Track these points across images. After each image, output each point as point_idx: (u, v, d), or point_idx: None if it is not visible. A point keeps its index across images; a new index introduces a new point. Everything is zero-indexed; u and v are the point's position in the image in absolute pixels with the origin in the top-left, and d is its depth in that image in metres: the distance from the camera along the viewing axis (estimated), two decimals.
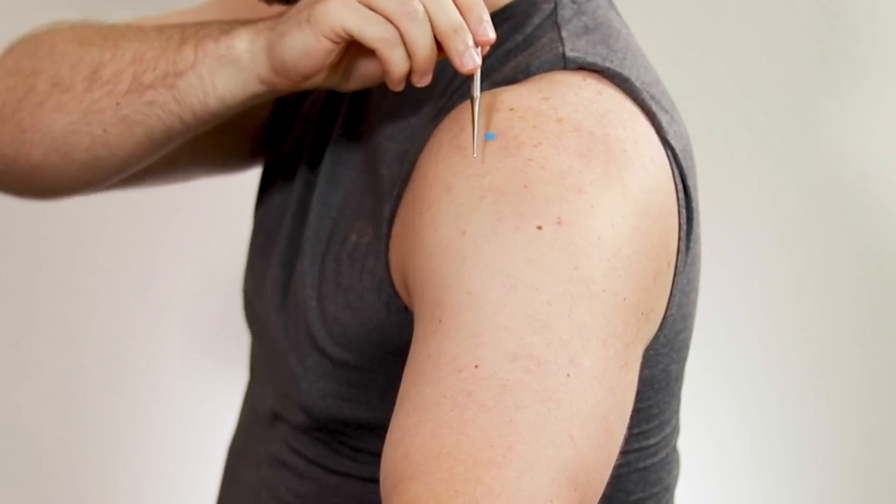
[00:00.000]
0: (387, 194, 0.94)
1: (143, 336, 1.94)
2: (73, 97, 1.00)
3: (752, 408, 1.84)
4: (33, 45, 1.06)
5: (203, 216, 1.80)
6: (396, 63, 0.87)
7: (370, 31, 0.86)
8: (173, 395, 1.95)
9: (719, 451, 1.84)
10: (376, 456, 0.78)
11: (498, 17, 0.96)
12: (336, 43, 0.88)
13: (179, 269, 1.93)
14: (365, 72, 0.92)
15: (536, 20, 0.95)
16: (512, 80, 0.91)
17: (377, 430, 0.95)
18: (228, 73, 0.93)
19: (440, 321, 0.78)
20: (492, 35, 0.86)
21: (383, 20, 0.86)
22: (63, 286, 1.93)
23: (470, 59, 0.86)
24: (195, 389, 1.95)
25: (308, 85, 0.92)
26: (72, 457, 1.96)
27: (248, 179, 1.24)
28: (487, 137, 0.85)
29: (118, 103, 0.98)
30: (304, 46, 0.88)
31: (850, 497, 1.86)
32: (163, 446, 1.97)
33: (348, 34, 0.87)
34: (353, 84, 0.93)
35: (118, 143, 1.00)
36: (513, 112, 0.86)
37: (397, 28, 0.86)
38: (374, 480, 0.77)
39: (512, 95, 0.88)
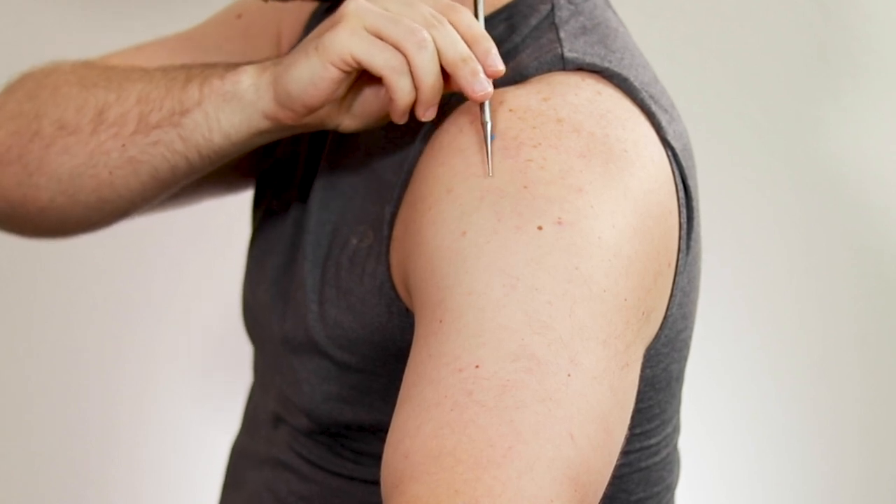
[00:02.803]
0: (387, 197, 0.94)
1: (144, 337, 1.94)
2: (79, 140, 1.00)
3: (752, 407, 1.84)
4: (35, 86, 1.06)
5: (203, 219, 1.80)
6: (403, 91, 0.87)
7: (378, 58, 0.86)
8: (174, 396, 1.95)
9: (719, 451, 1.84)
10: (378, 458, 0.78)
11: (495, 19, 0.96)
12: (344, 71, 0.87)
13: (180, 269, 1.93)
14: (369, 109, 0.92)
15: (534, 21, 0.95)
16: (511, 81, 0.91)
17: (379, 432, 0.95)
18: (233, 109, 0.93)
19: (441, 322, 0.79)
20: (500, 67, 0.86)
21: (391, 48, 0.86)
22: (63, 287, 1.93)
23: (480, 86, 0.85)
24: (196, 390, 1.95)
25: (312, 120, 0.91)
26: (72, 457, 1.97)
27: None
28: None
29: (124, 145, 0.98)
30: (311, 75, 0.88)
31: (851, 496, 1.86)
32: (163, 447, 1.97)
33: (356, 61, 0.86)
34: (357, 122, 0.93)
35: (124, 184, 1.00)
36: (512, 113, 0.86)
37: (405, 57, 0.86)
38: (377, 483, 0.78)
39: (511, 96, 0.88)
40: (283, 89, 0.90)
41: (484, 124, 0.85)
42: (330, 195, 1.01)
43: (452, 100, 0.93)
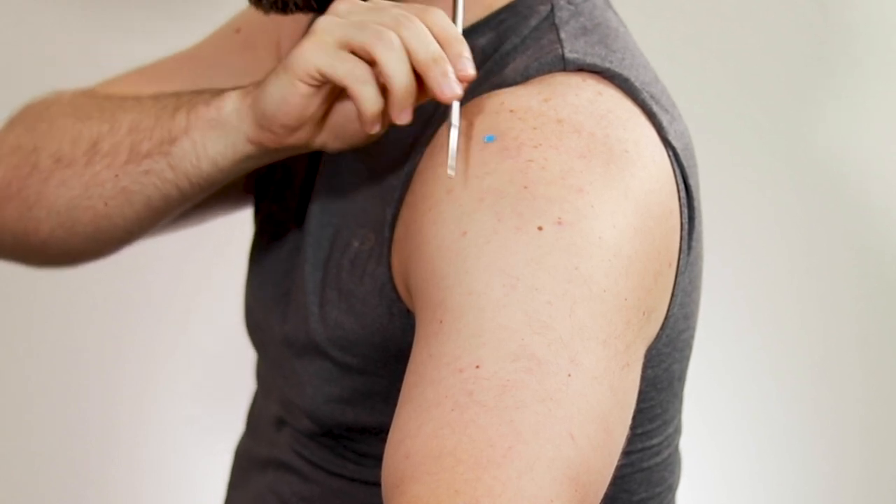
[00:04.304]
0: (388, 199, 0.94)
1: (144, 337, 1.94)
2: (75, 172, 1.01)
3: (753, 407, 1.84)
4: (34, 119, 1.07)
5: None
6: (366, 98, 0.86)
7: (340, 68, 0.85)
8: (174, 396, 1.95)
9: (721, 451, 1.84)
10: (380, 460, 0.78)
11: (494, 20, 0.96)
12: (312, 86, 0.87)
13: (181, 269, 1.93)
14: (351, 128, 0.91)
15: (533, 22, 0.95)
16: (511, 81, 0.91)
17: (381, 434, 0.95)
18: (218, 135, 0.93)
19: (441, 322, 0.79)
20: (471, 71, 0.85)
21: (353, 58, 0.85)
22: (63, 287, 1.93)
23: (449, 88, 0.84)
24: (196, 390, 1.95)
25: (294, 141, 0.91)
26: (72, 457, 1.96)
27: None
28: (487, 139, 0.85)
29: (117, 175, 0.98)
30: (282, 93, 0.88)
31: (852, 497, 1.86)
32: (163, 447, 1.97)
33: (321, 74, 0.86)
34: (341, 143, 0.92)
35: (119, 214, 1.00)
36: (513, 113, 0.86)
37: (377, 62, 0.85)
38: (379, 484, 0.78)
39: (512, 97, 0.88)
40: (260, 111, 0.90)
41: (450, 126, 0.84)
42: (330, 198, 1.01)
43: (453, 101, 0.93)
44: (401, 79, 0.85)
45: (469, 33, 0.95)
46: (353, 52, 0.86)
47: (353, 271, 0.96)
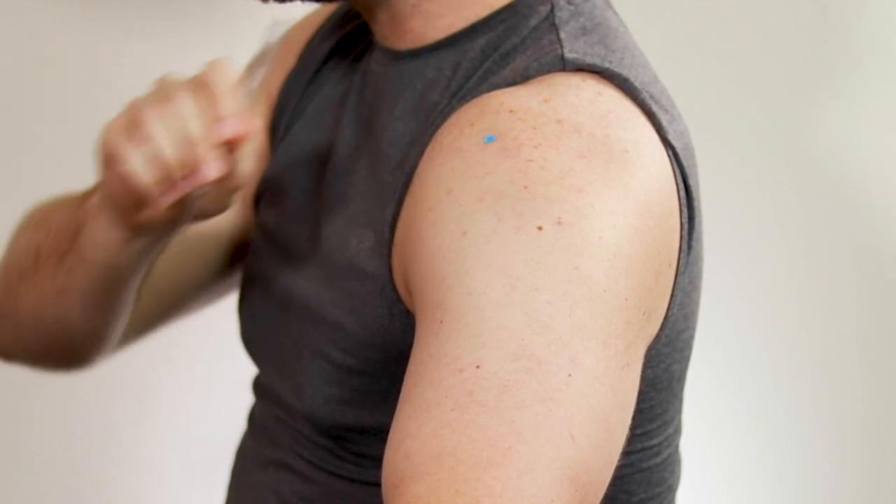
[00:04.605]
0: (388, 199, 0.94)
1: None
2: (30, 283, 1.03)
3: (753, 407, 1.84)
4: (12, 238, 1.09)
5: None
6: (133, 173, 0.87)
7: (116, 145, 0.87)
8: (174, 396, 1.95)
9: (721, 451, 1.84)
10: (380, 460, 0.78)
11: (494, 20, 0.96)
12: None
13: None
14: (199, 203, 0.91)
15: (533, 22, 0.95)
16: (511, 81, 0.91)
17: (380, 434, 0.95)
18: (101, 221, 0.94)
19: (441, 322, 0.79)
20: (233, 132, 0.86)
21: (130, 136, 0.87)
22: None
23: (207, 172, 0.86)
24: (196, 389, 1.95)
25: (146, 218, 0.91)
26: (72, 457, 1.96)
27: None
28: (487, 139, 0.85)
29: (54, 277, 1.00)
30: (100, 172, 0.90)
31: (852, 497, 1.86)
32: (163, 447, 1.97)
33: (110, 152, 0.88)
34: (197, 214, 0.93)
35: (69, 315, 1.01)
36: (512, 114, 0.86)
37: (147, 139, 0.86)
38: (379, 484, 0.78)
39: (511, 97, 0.87)
40: (104, 190, 0.91)
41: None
42: (331, 199, 1.01)
43: (453, 101, 0.93)
44: (163, 156, 0.86)
45: (469, 33, 0.95)
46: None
47: (354, 271, 0.95)
